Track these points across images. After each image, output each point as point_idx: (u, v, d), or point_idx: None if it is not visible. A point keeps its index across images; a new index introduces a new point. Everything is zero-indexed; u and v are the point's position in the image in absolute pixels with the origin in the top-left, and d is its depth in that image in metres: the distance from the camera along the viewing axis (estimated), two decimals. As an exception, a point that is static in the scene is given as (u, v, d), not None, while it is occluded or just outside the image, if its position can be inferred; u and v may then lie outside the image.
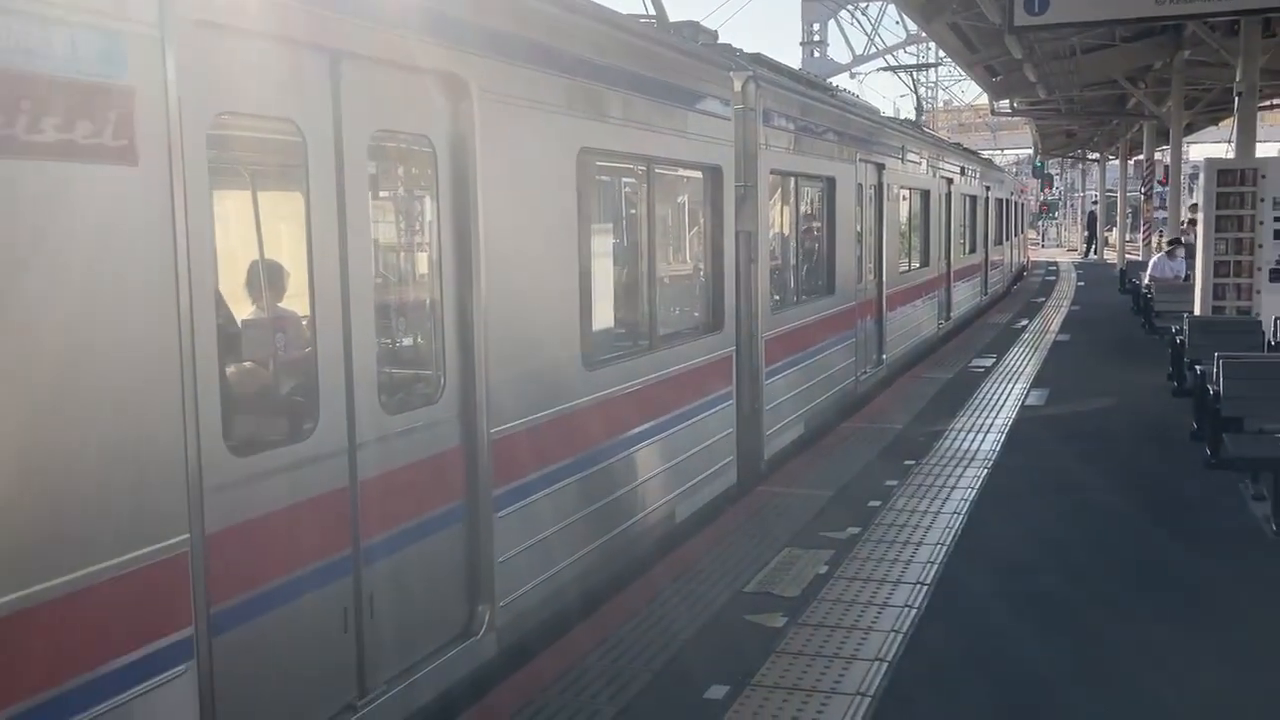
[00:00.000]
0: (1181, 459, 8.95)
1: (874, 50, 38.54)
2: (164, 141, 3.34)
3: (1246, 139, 13.52)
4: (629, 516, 6.61)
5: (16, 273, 2.94)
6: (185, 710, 3.45)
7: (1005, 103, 29.49)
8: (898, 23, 56.23)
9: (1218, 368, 8.23)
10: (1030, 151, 54.13)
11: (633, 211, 7.48)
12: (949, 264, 18.46)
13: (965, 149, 24.27)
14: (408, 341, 5.10)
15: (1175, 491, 8.25)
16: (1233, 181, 12.59)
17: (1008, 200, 29.38)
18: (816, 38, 34.04)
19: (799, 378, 9.96)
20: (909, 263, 15.45)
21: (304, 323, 4.18)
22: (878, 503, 7.92)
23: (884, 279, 13.28)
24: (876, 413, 11.62)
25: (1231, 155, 14.52)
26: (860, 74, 40.29)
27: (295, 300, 4.29)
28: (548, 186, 5.67)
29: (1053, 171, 62.31)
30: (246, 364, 4.33)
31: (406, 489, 4.60)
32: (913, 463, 9.16)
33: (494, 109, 5.03)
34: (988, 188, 23.93)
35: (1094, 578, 6.40)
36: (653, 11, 8.61)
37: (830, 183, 11.02)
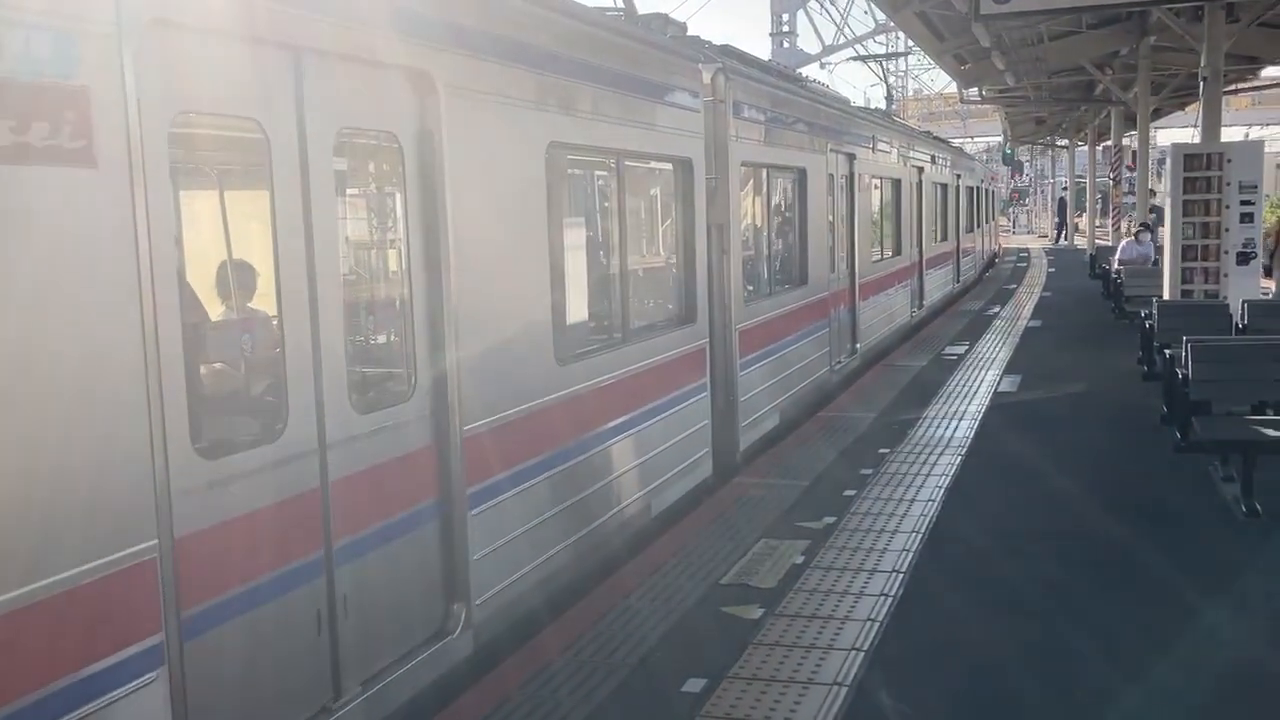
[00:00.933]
0: (1152, 443, 9.02)
1: (843, 40, 38.58)
2: (123, 142, 3.29)
3: (1212, 124, 13.63)
4: (604, 512, 6.60)
5: None
6: (157, 718, 3.42)
7: (974, 91, 29.62)
8: (866, 12, 56.47)
9: (1186, 351, 8.30)
10: (1000, 139, 54.44)
11: (604, 205, 7.48)
12: (921, 252, 18.62)
13: (935, 137, 24.53)
14: (377, 340, 5.07)
15: (1146, 475, 8.32)
16: (1199, 166, 12.70)
17: (978, 188, 29.57)
18: (786, 28, 34.01)
19: (773, 369, 10.02)
20: (881, 252, 15.54)
21: (272, 323, 4.14)
22: (853, 492, 7.94)
23: (856, 268, 13.35)
24: (850, 402, 11.65)
25: (1198, 140, 14.65)
26: (830, 64, 40.43)
27: (262, 300, 4.27)
28: (516, 182, 5.64)
29: (1023, 159, 62.68)
30: (214, 365, 4.30)
31: (379, 489, 4.56)
32: (887, 451, 9.19)
33: (461, 104, 4.99)
34: (958, 175, 24.07)
35: (1066, 562, 6.45)
36: (620, 4, 8.58)
37: (801, 173, 11.07)
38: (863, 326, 13.70)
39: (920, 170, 18.38)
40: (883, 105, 30.21)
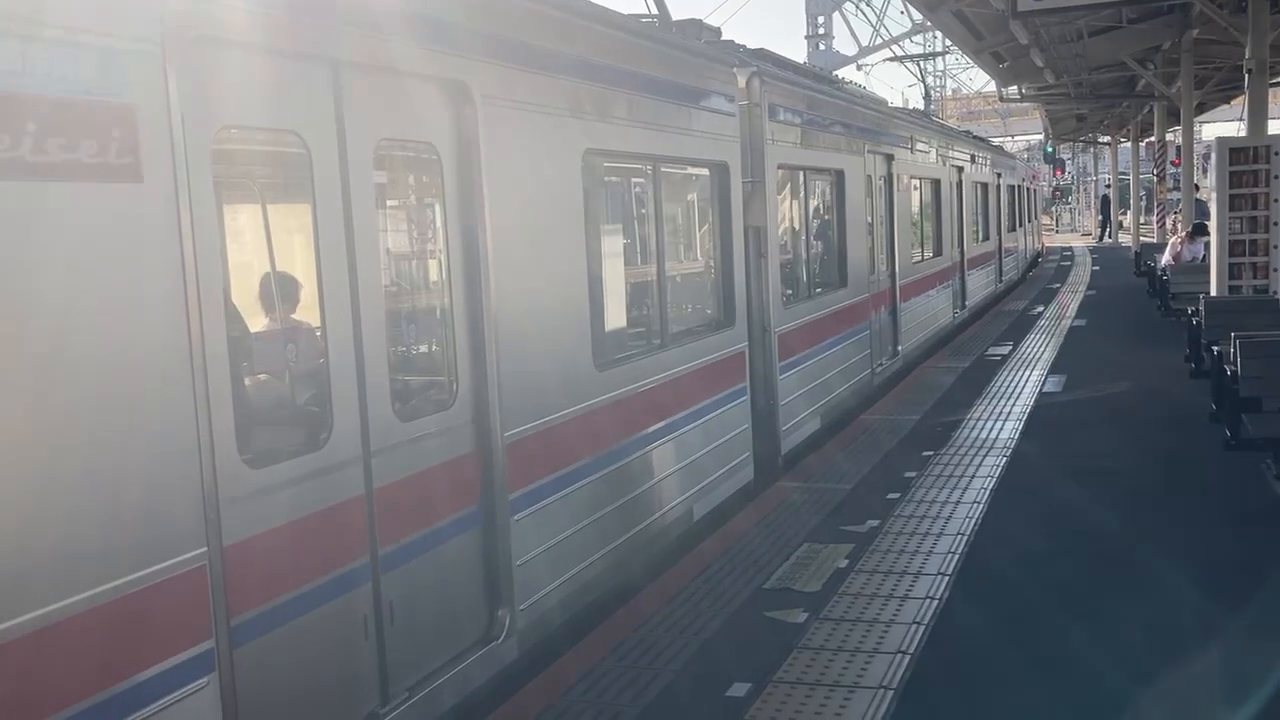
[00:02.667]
0: (1201, 441, 8.88)
1: (879, 41, 38.42)
2: (168, 157, 3.35)
3: (1258, 117, 13.41)
4: (646, 516, 6.60)
5: (26, 292, 2.96)
6: None
7: (1013, 89, 29.35)
8: (903, 13, 56.08)
9: (1235, 348, 8.17)
10: (1041, 137, 53.90)
11: (641, 211, 7.54)
12: (962, 253, 18.43)
13: (975, 136, 24.28)
14: (419, 348, 5.11)
15: (1196, 474, 8.19)
16: (1245, 160, 12.47)
17: (1019, 186, 29.29)
18: (821, 31, 33.94)
19: (814, 372, 9.97)
20: (922, 253, 15.42)
21: (315, 333, 4.21)
22: (896, 495, 7.89)
23: (897, 270, 13.26)
24: (893, 404, 11.58)
25: (1244, 134, 14.41)
26: (867, 65, 40.22)
27: (305, 310, 4.31)
28: (554, 189, 5.67)
29: (1064, 156, 62.00)
30: (259, 376, 4.36)
31: (422, 496, 4.60)
32: (931, 453, 9.12)
33: (497, 114, 5.03)
34: (998, 174, 23.83)
35: (1117, 563, 6.37)
36: (654, 11, 8.58)
37: (839, 175, 11.04)
38: (904, 329, 13.58)
39: (960, 170, 18.22)
40: (921, 105, 30.01)
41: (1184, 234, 18.96)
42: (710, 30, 8.92)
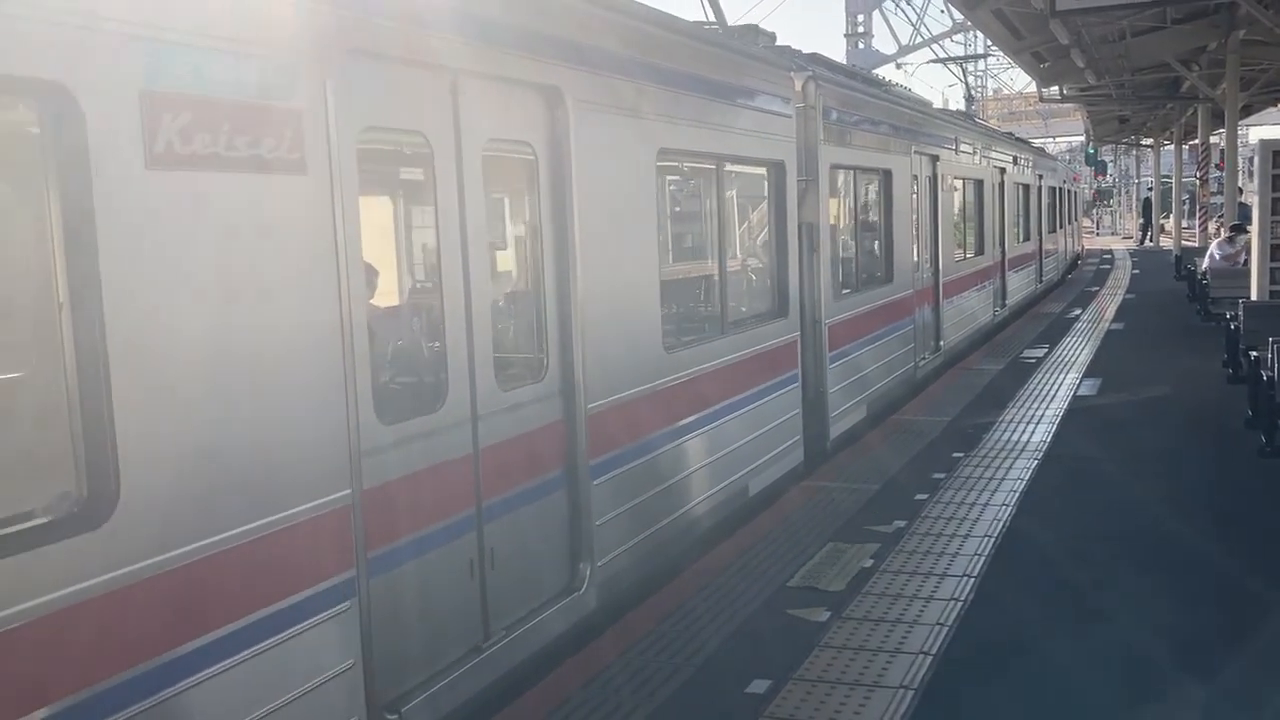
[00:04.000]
0: (1236, 448, 8.76)
1: (919, 40, 38.15)
2: (325, 153, 3.87)
3: (1303, 119, 13.19)
4: (708, 489, 7.05)
5: (220, 268, 3.49)
6: (350, 641, 3.99)
7: (1054, 90, 29.06)
8: (943, 11, 55.65)
9: (1273, 353, 8.05)
10: (1083, 139, 53.32)
11: (706, 206, 7.93)
12: (1003, 252, 18.56)
13: (1016, 138, 24.28)
14: (517, 326, 5.63)
15: (1229, 481, 8.08)
16: (1289, 163, 12.31)
17: (1060, 188, 29.05)
18: (861, 29, 33.75)
19: (860, 363, 10.30)
20: (964, 251, 15.69)
21: (434, 310, 4.74)
22: (924, 496, 7.84)
23: (940, 267, 13.54)
24: (925, 404, 11.51)
25: (1287, 136, 14.19)
26: (908, 65, 39.96)
27: (427, 290, 4.87)
28: (632, 185, 6.14)
29: (1106, 158, 61.30)
30: (390, 345, 4.93)
31: (519, 457, 5.13)
32: (961, 455, 9.06)
33: (586, 116, 5.51)
34: (1040, 176, 23.79)
35: (1143, 570, 6.29)
36: (713, 17, 9.12)
37: (887, 175, 11.36)
38: (946, 325, 13.84)
39: (1002, 171, 18.33)
40: (961, 106, 29.80)
41: (1224, 235, 18.74)
42: (765, 35, 9.24)
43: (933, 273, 13.29)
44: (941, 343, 13.67)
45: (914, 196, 12.31)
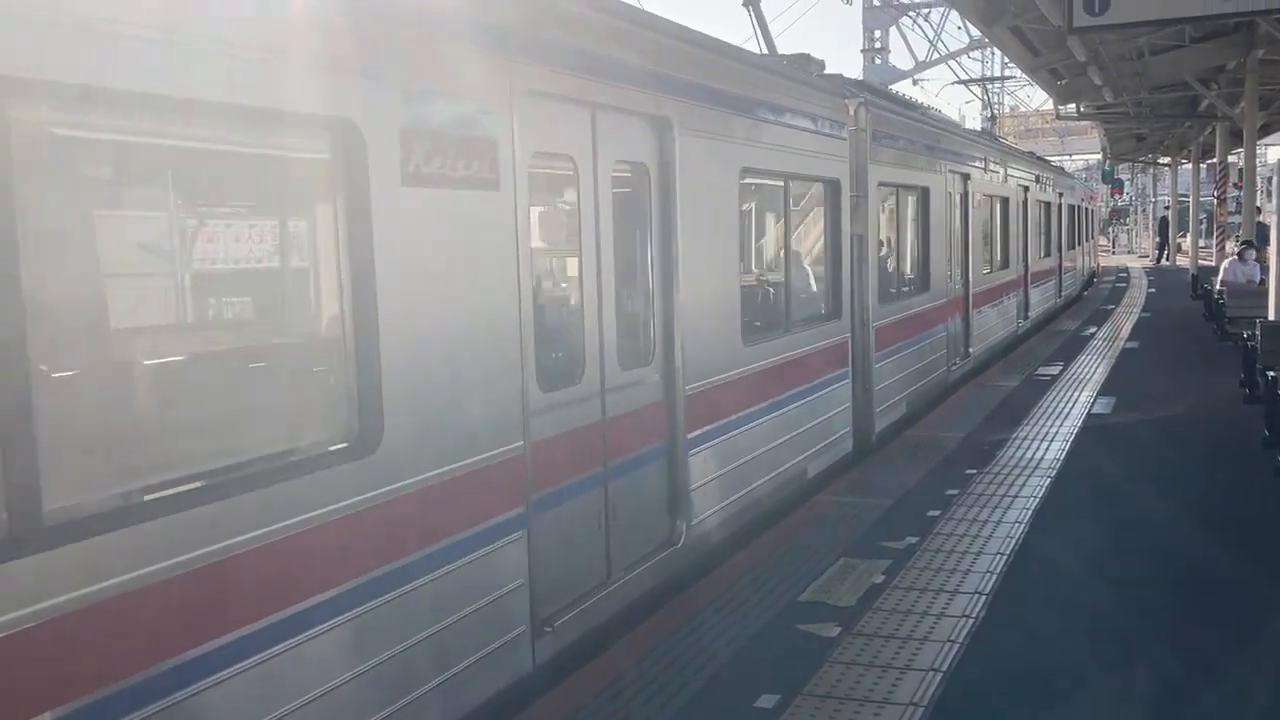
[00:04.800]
0: (1253, 468, 8.71)
1: (936, 56, 38.12)
2: (511, 173, 4.84)
3: (1322, 139, 13.14)
4: (775, 467, 7.98)
5: (448, 264, 4.53)
6: (521, 565, 4.95)
7: (1071, 107, 28.99)
8: (960, 28, 55.62)
9: (1290, 373, 8.00)
10: (1099, 156, 53.14)
11: (777, 219, 8.96)
12: (1026, 266, 19.22)
13: (1037, 157, 25.00)
14: (633, 317, 6.31)
15: (1245, 501, 8.03)
16: (1307, 183, 12.26)
17: (1079, 206, 29.19)
18: (878, 45, 33.75)
19: (902, 364, 11.22)
20: (991, 265, 16.50)
21: (576, 302, 5.65)
22: (937, 512, 7.81)
23: (970, 279, 14.36)
24: (938, 421, 11.47)
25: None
26: (924, 80, 39.91)
27: (573, 285, 5.70)
28: (720, 199, 7.12)
29: (1123, 177, 61.08)
30: (548, 328, 5.65)
31: (633, 428, 6.02)
32: (974, 472, 9.03)
33: (687, 140, 6.47)
34: (1060, 194, 24.30)
35: (1156, 590, 6.26)
36: (765, 47, 10.35)
37: (924, 191, 12.27)
38: (975, 333, 14.68)
39: (1025, 189, 18.99)
40: (979, 123, 29.86)
41: (1236, 252, 18.66)
42: (816, 63, 9.88)
43: (963, 284, 14.09)
44: (970, 350, 14.45)
45: (948, 212, 13.13)
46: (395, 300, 4.16)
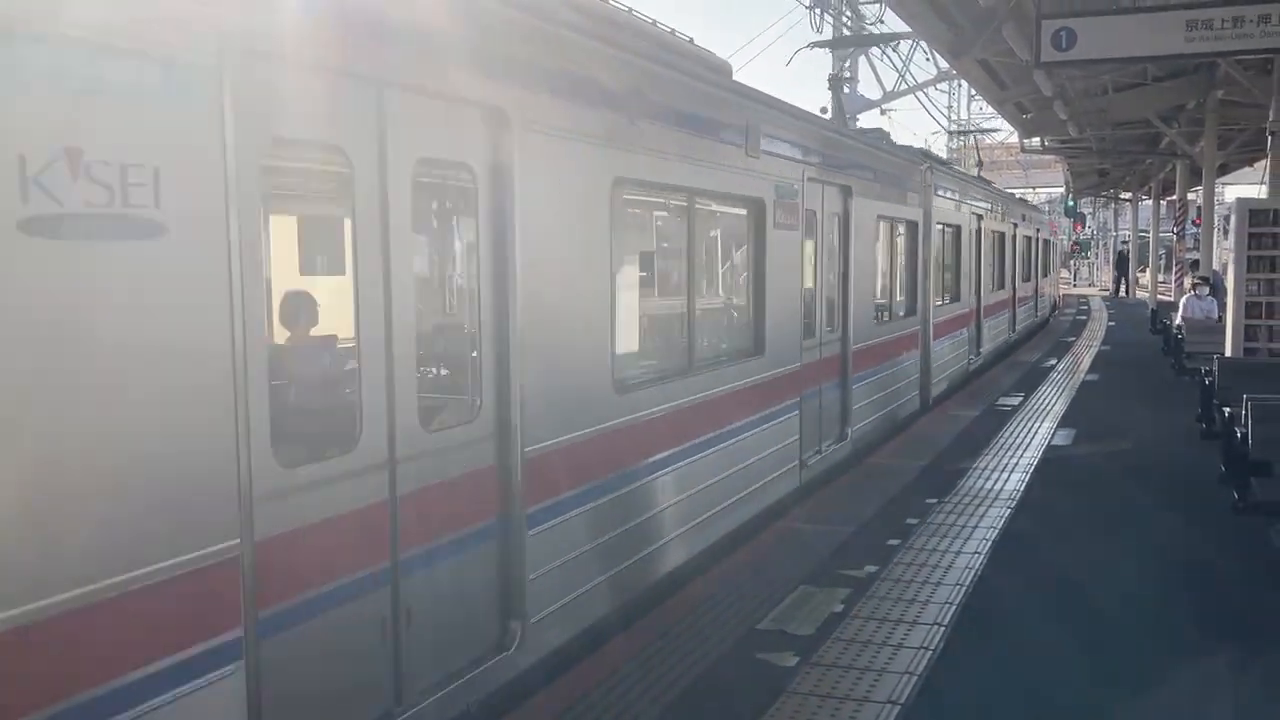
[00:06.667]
0: (1209, 502, 8.77)
1: (905, 87, 38.45)
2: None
3: (1279, 179, 13.36)
4: (887, 412, 11.79)
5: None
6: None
7: (1035, 140, 29.35)
8: (928, 59, 56.20)
9: (1246, 410, 8.08)
10: (1062, 190, 53.81)
11: (894, 246, 13.27)
12: (1014, 289, 23.60)
13: (1020, 199, 30.07)
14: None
15: (1200, 536, 8.07)
16: (1265, 222, 12.44)
17: (1035, 237, 29.31)
18: (847, 74, 33.98)
19: (944, 350, 15.44)
20: (996, 281, 21.19)
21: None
22: (897, 541, 7.80)
23: (980, 295, 18.80)
24: (900, 449, 11.50)
25: (1264, 195, 14.36)
26: (891, 109, 40.28)
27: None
28: (870, 236, 11.05)
29: (1085, 210, 61.88)
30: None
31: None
32: (934, 501, 9.03)
33: (861, 201, 10.65)
34: (1037, 229, 28.53)
35: (1112, 623, 6.26)
36: (840, 120, 16.69)
37: (957, 229, 16.72)
38: (985, 335, 19.32)
39: (1015, 225, 23.83)
40: (941, 153, 30.31)
41: (1192, 288, 18.92)
42: (884, 134, 15.27)
43: (975, 297, 18.44)
44: (981, 349, 18.99)
45: (972, 242, 17.88)
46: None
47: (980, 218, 18.36)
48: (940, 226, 14.95)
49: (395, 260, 4.39)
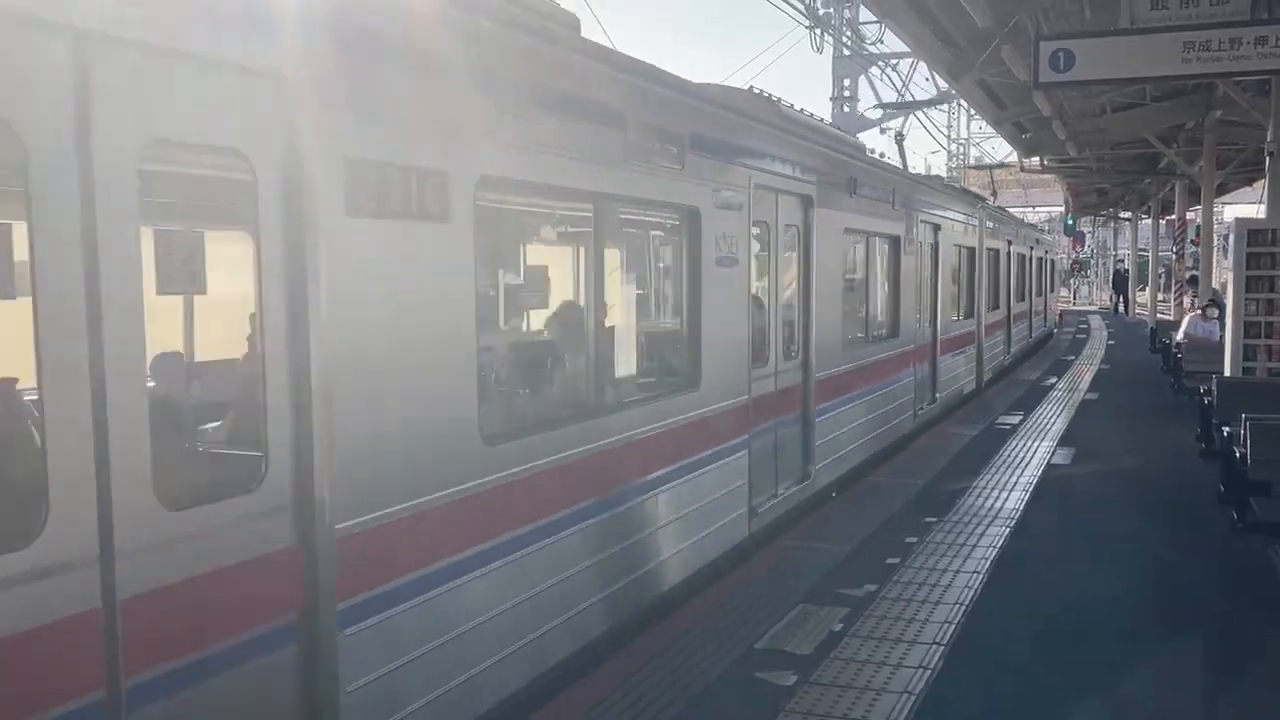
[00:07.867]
0: (1209, 522, 8.77)
1: (902, 101, 38.59)
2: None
3: (1278, 199, 13.40)
4: (955, 386, 15.32)
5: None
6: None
7: (1035, 160, 29.45)
8: (928, 79, 56.41)
9: (1245, 430, 8.08)
10: (1062, 209, 53.93)
11: (961, 273, 17.32)
12: (1030, 304, 26.64)
13: (1034, 226, 33.54)
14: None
15: (1200, 556, 8.07)
16: (1264, 242, 12.46)
17: (1029, 255, 29.19)
18: (847, 93, 34.18)
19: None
20: (1011, 298, 23.62)
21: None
22: (896, 560, 7.79)
23: (989, 308, 20.85)
24: (900, 467, 11.49)
25: (1263, 215, 14.40)
26: (889, 129, 40.45)
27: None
28: (953, 262, 14.60)
29: (1085, 229, 62.01)
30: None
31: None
32: (934, 520, 9.02)
33: (946, 234, 15.59)
34: (1046, 250, 31.73)
35: (1114, 642, 6.25)
36: (906, 168, 19.20)
37: (996, 252, 20.44)
38: (987, 355, 20.35)
39: (1030, 247, 27.03)
40: (941, 173, 30.63)
41: (1198, 309, 18.90)
42: (941, 178, 17.83)
43: (980, 310, 20.26)
44: (992, 361, 21.26)
45: (1006, 263, 21.86)
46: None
47: (1010, 242, 22.66)
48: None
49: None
